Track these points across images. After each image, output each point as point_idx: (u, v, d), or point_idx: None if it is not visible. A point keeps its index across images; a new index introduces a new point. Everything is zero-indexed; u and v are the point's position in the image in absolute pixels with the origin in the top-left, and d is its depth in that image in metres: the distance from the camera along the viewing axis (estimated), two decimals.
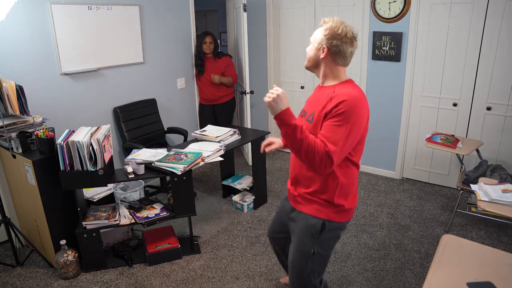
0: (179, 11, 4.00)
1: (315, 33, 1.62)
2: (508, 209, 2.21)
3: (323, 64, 1.62)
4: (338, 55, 1.58)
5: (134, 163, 2.63)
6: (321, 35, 1.58)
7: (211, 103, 4.26)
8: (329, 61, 1.60)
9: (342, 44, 1.55)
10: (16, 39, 2.81)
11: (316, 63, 1.64)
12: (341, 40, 1.55)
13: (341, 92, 1.52)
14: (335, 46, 1.55)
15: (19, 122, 2.58)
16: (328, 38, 1.56)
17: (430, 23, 3.50)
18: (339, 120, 1.47)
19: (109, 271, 2.68)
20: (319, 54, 1.61)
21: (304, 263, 1.74)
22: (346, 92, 1.51)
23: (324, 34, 1.57)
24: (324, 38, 1.57)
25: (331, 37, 1.55)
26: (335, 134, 1.46)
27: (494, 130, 3.42)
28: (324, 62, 1.61)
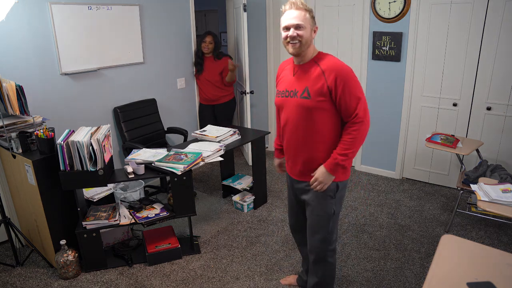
0: (179, 11, 4.00)
1: (298, 16, 1.75)
2: (508, 209, 2.21)
3: (311, 43, 1.80)
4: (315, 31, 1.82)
5: (134, 163, 2.63)
6: (309, 17, 1.76)
7: (211, 103, 4.26)
8: (312, 39, 1.80)
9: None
10: (16, 39, 2.81)
11: (309, 44, 1.78)
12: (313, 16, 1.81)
13: (327, 63, 1.74)
14: (314, 24, 1.81)
15: (19, 122, 2.58)
16: (314, 18, 1.80)
17: (430, 23, 3.50)
18: (349, 86, 1.71)
19: (109, 271, 2.68)
20: (312, 35, 1.79)
21: (326, 225, 1.93)
22: (331, 63, 1.74)
23: (311, 16, 1.78)
24: (312, 19, 1.78)
25: (313, 18, 1.80)
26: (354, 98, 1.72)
27: (494, 130, 3.42)
28: (311, 41, 1.80)
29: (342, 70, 1.71)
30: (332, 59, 1.77)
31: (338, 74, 1.70)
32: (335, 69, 1.71)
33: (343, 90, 1.71)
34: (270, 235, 3.10)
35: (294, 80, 1.84)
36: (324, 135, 1.81)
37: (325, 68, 1.73)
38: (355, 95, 1.72)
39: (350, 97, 1.72)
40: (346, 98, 1.72)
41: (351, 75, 1.73)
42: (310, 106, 1.76)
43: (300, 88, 1.79)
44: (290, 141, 1.91)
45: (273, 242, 3.00)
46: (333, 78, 1.70)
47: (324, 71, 1.73)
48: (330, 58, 1.78)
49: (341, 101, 1.73)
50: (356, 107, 1.73)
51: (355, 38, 3.95)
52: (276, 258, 2.80)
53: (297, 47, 1.76)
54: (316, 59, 1.80)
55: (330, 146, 1.82)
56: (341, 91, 1.71)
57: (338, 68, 1.72)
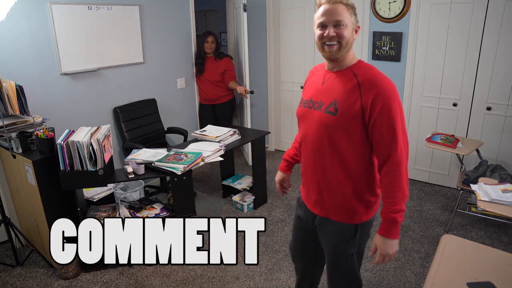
0: (179, 11, 4.00)
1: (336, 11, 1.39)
2: (508, 209, 2.21)
3: (351, 46, 1.45)
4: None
5: (134, 163, 2.63)
6: (350, 14, 1.41)
7: (211, 103, 4.26)
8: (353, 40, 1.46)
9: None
10: (16, 39, 2.81)
11: (350, 47, 1.44)
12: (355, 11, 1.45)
13: (368, 75, 1.38)
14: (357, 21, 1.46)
15: (19, 122, 2.58)
16: (356, 15, 1.43)
17: (430, 23, 3.50)
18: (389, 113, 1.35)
19: (109, 271, 2.68)
20: (353, 35, 1.44)
21: (344, 264, 1.63)
22: (372, 75, 1.38)
23: (354, 13, 1.43)
24: (355, 16, 1.43)
25: (355, 14, 1.43)
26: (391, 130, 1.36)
27: (494, 130, 3.42)
28: (352, 44, 1.45)
29: (387, 89, 1.36)
30: (375, 71, 1.42)
31: (379, 92, 1.34)
32: (376, 84, 1.36)
33: (381, 116, 1.34)
34: (270, 235, 3.10)
35: (322, 89, 1.49)
36: (348, 164, 1.46)
37: (363, 80, 1.38)
38: (394, 126, 1.35)
39: (388, 128, 1.35)
40: (382, 128, 1.36)
41: (395, 98, 1.37)
42: (335, 125, 1.40)
43: (327, 100, 1.44)
44: (307, 162, 1.59)
45: (273, 242, 3.00)
46: (371, 96, 1.34)
47: (361, 84, 1.37)
48: (372, 70, 1.42)
49: (374, 129, 1.37)
50: (391, 145, 1.36)
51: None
52: (276, 258, 2.80)
53: (335, 50, 1.40)
54: (354, 67, 1.44)
55: (356, 179, 1.48)
56: (378, 116, 1.35)
57: (380, 84, 1.36)
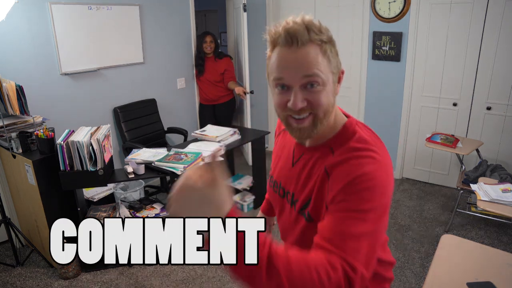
0: (179, 11, 4.00)
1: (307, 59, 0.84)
2: (508, 209, 2.21)
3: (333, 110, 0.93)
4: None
5: (134, 163, 2.63)
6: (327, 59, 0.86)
7: (211, 103, 4.26)
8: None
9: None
10: (16, 39, 2.81)
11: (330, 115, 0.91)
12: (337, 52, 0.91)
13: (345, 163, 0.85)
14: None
15: (19, 122, 2.58)
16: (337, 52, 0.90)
17: (430, 23, 3.50)
18: (356, 209, 0.79)
19: (109, 271, 2.68)
20: (336, 90, 0.91)
21: None
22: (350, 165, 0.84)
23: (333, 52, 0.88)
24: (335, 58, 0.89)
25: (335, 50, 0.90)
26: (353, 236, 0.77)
27: (494, 130, 3.42)
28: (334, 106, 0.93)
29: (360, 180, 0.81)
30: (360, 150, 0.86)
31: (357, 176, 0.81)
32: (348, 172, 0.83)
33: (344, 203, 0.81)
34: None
35: (293, 174, 1.00)
36: None
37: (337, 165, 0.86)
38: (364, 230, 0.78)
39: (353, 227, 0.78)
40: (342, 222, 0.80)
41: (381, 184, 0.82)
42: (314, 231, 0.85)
43: (300, 195, 0.96)
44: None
45: None
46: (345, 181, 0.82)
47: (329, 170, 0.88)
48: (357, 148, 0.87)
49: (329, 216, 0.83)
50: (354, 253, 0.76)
51: (355, 38, 3.95)
52: None
53: (307, 126, 0.88)
54: (334, 141, 0.92)
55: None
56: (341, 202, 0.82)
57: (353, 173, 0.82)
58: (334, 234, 0.79)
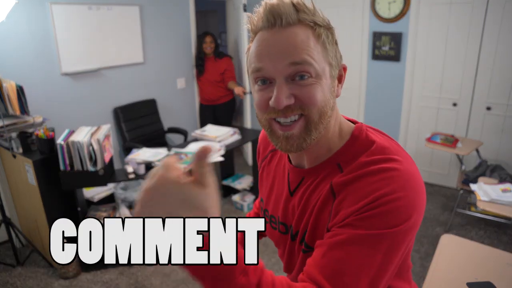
0: (179, 11, 4.00)
1: (294, 42, 0.65)
2: (508, 208, 2.21)
3: (332, 114, 0.73)
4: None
5: (134, 163, 2.63)
6: (322, 46, 0.68)
7: (211, 103, 4.26)
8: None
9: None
10: (17, 39, 2.81)
11: (329, 121, 0.72)
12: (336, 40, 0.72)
13: (362, 170, 0.68)
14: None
15: (19, 122, 2.58)
16: (336, 41, 0.72)
17: (430, 23, 3.50)
18: (366, 234, 0.63)
19: (109, 271, 2.68)
20: (336, 90, 0.73)
21: None
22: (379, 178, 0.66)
23: (329, 40, 0.69)
24: (333, 47, 0.70)
25: (333, 39, 0.71)
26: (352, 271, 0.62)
27: (494, 130, 3.42)
28: (334, 108, 0.73)
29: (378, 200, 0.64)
30: (376, 156, 0.69)
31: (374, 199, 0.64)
32: (364, 194, 0.65)
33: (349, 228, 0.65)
34: None
35: (292, 206, 0.81)
36: None
37: (345, 180, 0.69)
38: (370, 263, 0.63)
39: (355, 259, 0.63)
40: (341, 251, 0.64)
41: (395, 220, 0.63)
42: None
43: (300, 226, 0.78)
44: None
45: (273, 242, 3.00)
46: (355, 207, 0.65)
47: (336, 189, 0.70)
48: (374, 151, 0.70)
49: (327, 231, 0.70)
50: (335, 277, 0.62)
51: (355, 38, 3.95)
52: (276, 257, 2.80)
53: (297, 134, 0.69)
54: (342, 155, 0.73)
55: None
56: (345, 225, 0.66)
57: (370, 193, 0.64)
58: (329, 265, 0.63)
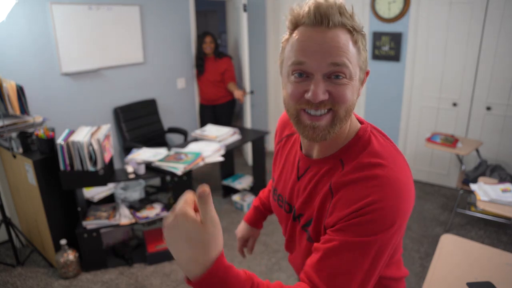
0: (179, 11, 4.00)
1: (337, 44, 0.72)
2: (507, 208, 2.21)
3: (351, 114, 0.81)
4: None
5: (134, 163, 2.63)
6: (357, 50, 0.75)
7: (211, 103, 4.26)
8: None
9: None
10: (17, 39, 2.81)
11: (348, 119, 0.80)
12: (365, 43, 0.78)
13: (357, 174, 0.76)
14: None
15: (19, 122, 2.58)
16: (365, 47, 0.78)
17: (430, 23, 3.50)
18: (355, 241, 0.71)
19: (109, 271, 2.68)
20: (359, 91, 0.79)
21: None
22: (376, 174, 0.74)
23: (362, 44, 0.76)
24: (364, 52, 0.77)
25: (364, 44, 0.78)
26: (345, 272, 0.72)
27: (494, 130, 3.43)
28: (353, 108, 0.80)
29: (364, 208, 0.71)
30: (371, 159, 0.76)
31: (371, 202, 0.71)
32: (353, 200, 0.74)
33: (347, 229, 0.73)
34: (270, 235, 3.10)
35: (298, 188, 0.91)
36: None
37: (342, 182, 0.78)
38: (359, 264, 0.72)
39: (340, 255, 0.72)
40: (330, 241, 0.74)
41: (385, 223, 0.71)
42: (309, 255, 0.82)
43: (304, 211, 0.88)
44: (294, 266, 1.04)
45: (273, 242, 3.00)
46: (354, 207, 0.73)
47: (334, 189, 0.79)
48: (369, 154, 0.77)
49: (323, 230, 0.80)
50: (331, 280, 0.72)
51: None
52: (276, 257, 2.80)
53: (324, 126, 0.75)
54: (345, 152, 0.81)
55: None
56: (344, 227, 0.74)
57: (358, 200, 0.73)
58: (324, 268, 0.72)
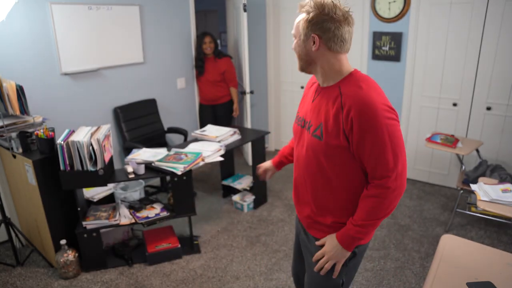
0: (179, 11, 4.00)
1: (296, 23, 1.29)
2: (508, 209, 2.21)
3: (320, 57, 1.28)
4: (334, 40, 1.24)
5: (134, 163, 2.63)
6: (304, 23, 1.25)
7: (211, 103, 4.26)
8: (325, 51, 1.26)
9: (336, 25, 1.23)
10: (16, 39, 2.81)
11: (309, 59, 1.30)
12: (333, 20, 1.22)
13: (352, 96, 1.21)
14: (328, 30, 1.23)
15: (19, 122, 2.58)
16: (314, 23, 1.23)
17: (430, 23, 3.50)
18: (369, 132, 1.18)
19: (109, 271, 2.68)
20: (309, 47, 1.27)
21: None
22: (357, 97, 1.20)
23: (307, 20, 1.24)
24: (309, 25, 1.24)
25: (318, 21, 1.22)
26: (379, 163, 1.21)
27: (494, 130, 3.42)
28: (319, 55, 1.27)
29: (363, 105, 1.17)
30: (362, 87, 1.22)
31: (355, 110, 1.18)
32: (354, 101, 1.19)
33: (360, 137, 1.19)
34: (270, 235, 3.10)
35: (312, 107, 1.36)
36: (338, 189, 1.34)
37: (346, 100, 1.22)
38: (378, 146, 1.19)
39: (372, 150, 1.20)
40: (364, 150, 1.21)
41: (376, 115, 1.17)
42: (321, 150, 1.29)
43: (315, 121, 1.32)
44: (299, 182, 1.47)
45: (273, 242, 3.00)
46: (351, 118, 1.19)
47: (343, 104, 1.22)
48: (359, 86, 1.23)
49: (358, 153, 1.24)
50: (377, 168, 1.22)
51: (355, 38, 3.93)
52: (276, 258, 2.80)
53: (298, 63, 1.35)
54: (342, 83, 1.27)
55: (347, 204, 1.35)
56: (357, 138, 1.20)
57: (357, 101, 1.19)
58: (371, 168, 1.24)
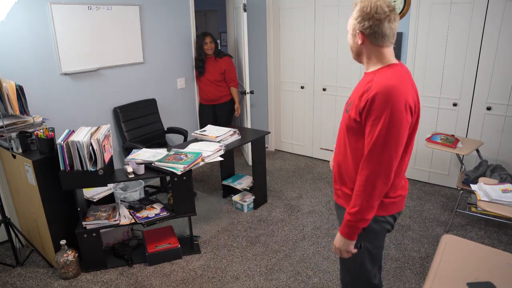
0: (179, 11, 4.00)
1: (349, 20, 1.52)
2: (508, 209, 2.21)
3: (365, 50, 1.49)
4: (375, 36, 1.44)
5: (134, 163, 2.63)
6: (352, 21, 1.47)
7: (211, 103, 4.26)
8: (369, 45, 1.47)
9: (376, 22, 1.42)
10: (16, 39, 2.81)
11: (358, 51, 1.52)
12: (374, 19, 1.41)
13: (377, 82, 1.37)
14: (369, 27, 1.43)
15: (19, 122, 2.58)
16: (359, 22, 1.44)
17: (430, 23, 3.50)
18: (374, 118, 1.35)
19: (109, 271, 2.68)
20: (356, 41, 1.48)
21: (353, 259, 1.62)
22: (380, 82, 1.36)
23: (354, 18, 1.45)
24: (355, 22, 1.45)
25: (362, 19, 1.43)
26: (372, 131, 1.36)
27: (494, 130, 3.42)
28: (364, 48, 1.49)
29: (383, 91, 1.33)
30: (389, 75, 1.40)
31: (374, 93, 1.35)
32: (378, 86, 1.35)
33: (367, 115, 1.38)
34: (270, 235, 3.10)
35: (355, 89, 1.57)
36: (351, 165, 1.54)
37: (374, 83, 1.39)
38: (376, 128, 1.35)
39: (370, 130, 1.37)
40: (365, 129, 1.40)
41: (388, 103, 1.32)
42: (346, 125, 1.51)
43: (351, 99, 1.52)
44: (338, 159, 1.64)
45: (273, 242, 3.00)
46: (369, 96, 1.37)
47: (370, 86, 1.39)
48: (388, 74, 1.41)
49: (363, 131, 1.43)
50: (369, 153, 1.38)
51: None
52: (276, 258, 2.80)
53: (351, 54, 1.57)
54: (378, 71, 1.46)
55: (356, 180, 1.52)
56: (365, 115, 1.39)
57: (380, 87, 1.34)
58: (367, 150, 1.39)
